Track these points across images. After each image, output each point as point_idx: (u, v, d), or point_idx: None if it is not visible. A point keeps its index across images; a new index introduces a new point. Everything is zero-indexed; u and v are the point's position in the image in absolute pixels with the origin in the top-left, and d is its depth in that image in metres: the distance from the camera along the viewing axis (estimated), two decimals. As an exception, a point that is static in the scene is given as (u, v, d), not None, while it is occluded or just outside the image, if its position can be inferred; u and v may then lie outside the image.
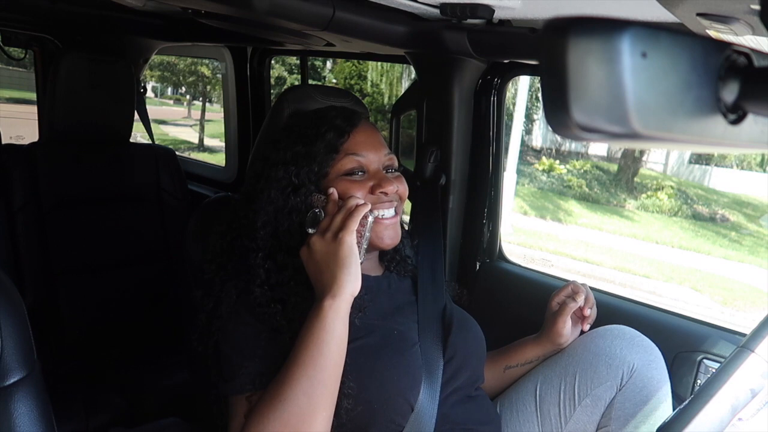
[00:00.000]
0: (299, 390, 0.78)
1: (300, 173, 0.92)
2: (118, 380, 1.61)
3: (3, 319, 0.67)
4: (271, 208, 0.91)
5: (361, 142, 0.95)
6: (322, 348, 0.79)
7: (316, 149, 0.92)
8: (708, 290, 7.02)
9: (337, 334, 0.81)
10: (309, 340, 0.80)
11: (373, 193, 0.93)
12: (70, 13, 1.78)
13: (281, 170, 0.93)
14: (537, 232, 8.72)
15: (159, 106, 16.42)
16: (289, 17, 1.10)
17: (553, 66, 0.26)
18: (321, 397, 0.79)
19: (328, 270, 0.82)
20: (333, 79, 11.54)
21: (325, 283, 0.82)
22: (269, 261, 0.90)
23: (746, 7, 0.51)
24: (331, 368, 0.80)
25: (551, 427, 1.03)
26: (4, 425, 0.67)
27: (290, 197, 0.91)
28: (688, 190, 11.24)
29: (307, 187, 0.92)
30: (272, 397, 0.79)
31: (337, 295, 0.81)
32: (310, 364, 0.79)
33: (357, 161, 0.94)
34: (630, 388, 0.96)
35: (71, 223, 1.77)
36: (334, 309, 0.80)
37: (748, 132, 0.29)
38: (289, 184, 0.92)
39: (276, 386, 0.79)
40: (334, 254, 0.82)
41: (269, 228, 0.91)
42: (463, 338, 1.01)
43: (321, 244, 0.84)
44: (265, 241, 0.90)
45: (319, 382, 0.78)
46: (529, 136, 12.46)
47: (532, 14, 1.09)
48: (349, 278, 0.82)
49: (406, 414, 0.89)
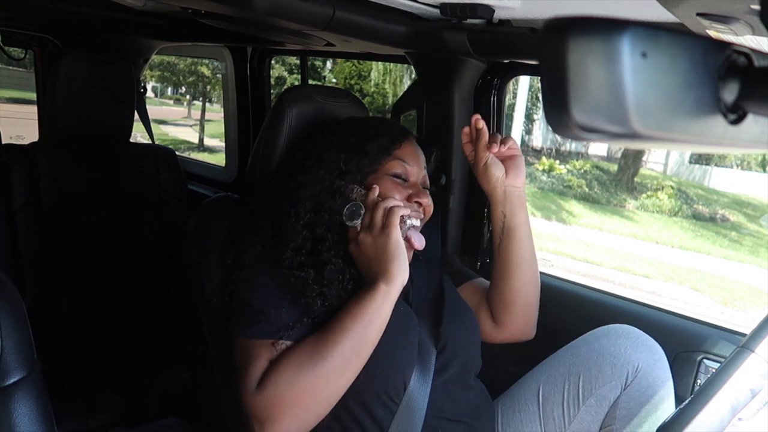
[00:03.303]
0: (339, 352, 0.84)
1: (350, 161, 0.98)
2: (118, 380, 1.60)
3: (3, 319, 0.67)
4: (319, 186, 0.97)
5: (410, 153, 1.02)
6: (368, 324, 0.86)
7: (370, 146, 0.99)
8: (708, 290, 7.02)
9: (383, 314, 0.88)
10: (358, 314, 0.86)
11: (408, 201, 0.99)
12: (70, 13, 1.78)
13: (333, 154, 0.99)
14: (537, 231, 8.68)
15: (159, 106, 16.41)
16: (289, 17, 1.10)
17: (553, 66, 0.26)
18: (353, 363, 0.86)
19: (379, 263, 0.89)
20: (333, 79, 11.54)
21: (376, 274, 0.89)
22: (306, 231, 0.95)
23: (746, 7, 0.51)
24: (369, 343, 0.87)
25: (554, 427, 1.03)
26: (4, 425, 0.67)
27: (336, 180, 0.97)
28: (688, 190, 11.24)
29: (353, 175, 0.97)
30: (313, 350, 0.85)
31: (390, 282, 0.88)
32: (354, 334, 0.85)
33: (404, 167, 1.01)
34: (635, 387, 0.96)
35: (71, 223, 1.77)
36: (384, 294, 0.87)
37: (748, 132, 0.29)
38: (336, 168, 0.97)
39: (319, 342, 0.86)
40: (383, 248, 0.89)
41: (312, 203, 0.96)
42: (455, 328, 1.02)
43: (369, 240, 0.91)
44: (306, 212, 0.95)
45: (357, 352, 0.86)
46: (529, 136, 12.46)
47: (532, 14, 1.09)
48: (399, 269, 0.88)
49: (399, 391, 0.91)
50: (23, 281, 1.66)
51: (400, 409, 0.91)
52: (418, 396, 0.92)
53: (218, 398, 1.03)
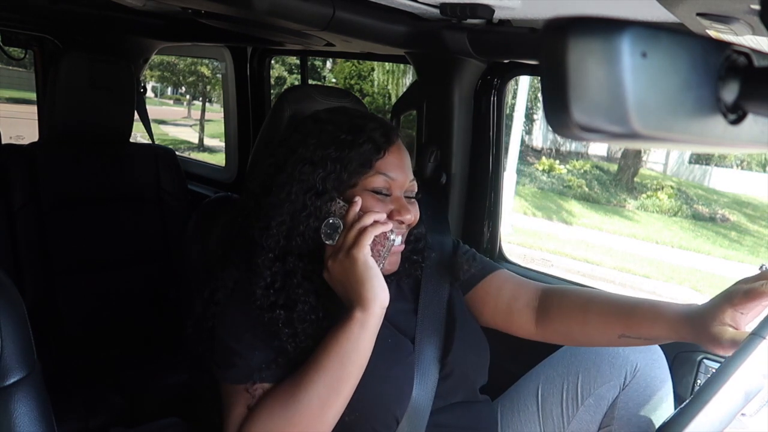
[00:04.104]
0: (314, 394, 0.78)
1: (327, 179, 0.87)
2: (118, 380, 1.60)
3: (3, 319, 0.67)
4: (290, 208, 0.87)
5: (393, 164, 0.92)
6: (344, 359, 0.80)
7: (349, 158, 0.88)
8: (708, 290, 7.01)
9: (362, 346, 0.81)
10: (333, 349, 0.80)
11: (390, 218, 0.90)
12: (70, 13, 1.78)
13: (308, 169, 0.88)
14: (537, 231, 8.71)
15: (159, 106, 16.43)
16: (289, 17, 1.10)
17: (553, 66, 0.26)
18: (334, 404, 0.80)
19: (351, 288, 0.82)
20: (333, 79, 11.54)
21: (353, 301, 0.82)
22: (277, 263, 0.87)
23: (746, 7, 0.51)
24: (351, 379, 0.81)
25: (553, 427, 1.03)
26: (4, 425, 0.67)
27: (311, 200, 0.87)
28: (688, 190, 11.24)
29: (330, 193, 0.88)
30: (286, 395, 0.80)
31: (366, 309, 0.81)
32: (330, 372, 0.79)
33: (386, 182, 0.90)
34: (633, 387, 0.96)
35: (71, 223, 1.77)
36: (361, 322, 0.81)
37: (748, 132, 0.29)
38: (312, 187, 0.87)
39: (291, 385, 0.80)
40: (350, 271, 0.82)
41: (283, 228, 0.87)
42: (463, 352, 0.98)
43: (336, 266, 0.84)
44: (277, 241, 0.87)
45: (336, 391, 0.79)
46: (529, 136, 12.46)
47: (532, 14, 1.09)
48: (373, 292, 0.81)
49: (391, 426, 0.88)
50: (23, 281, 1.66)
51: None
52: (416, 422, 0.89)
53: (218, 398, 1.03)
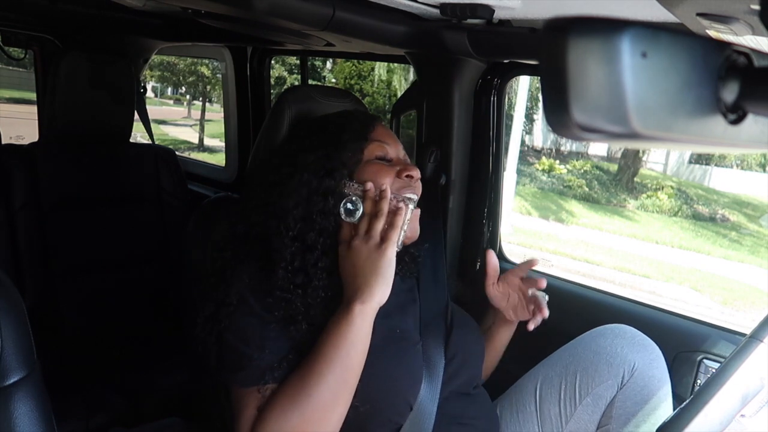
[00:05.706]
0: (324, 386, 0.80)
1: (332, 157, 0.92)
2: (118, 380, 1.60)
3: (3, 319, 0.67)
4: (305, 190, 0.90)
5: (385, 134, 1.00)
6: (349, 348, 0.82)
7: (344, 137, 0.94)
8: (708, 290, 7.02)
9: (363, 335, 0.83)
10: (337, 339, 0.82)
11: (399, 177, 0.95)
12: (70, 13, 1.78)
13: (311, 155, 0.93)
14: (537, 231, 8.72)
15: (159, 106, 16.42)
16: (289, 17, 1.10)
17: (553, 66, 0.26)
18: (342, 394, 0.82)
19: (363, 275, 0.85)
20: (333, 79, 11.53)
21: (357, 286, 0.85)
22: (297, 242, 0.89)
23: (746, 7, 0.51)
24: (356, 368, 0.83)
25: (552, 427, 1.03)
26: (4, 425, 0.67)
27: (324, 179, 0.91)
28: (688, 190, 11.24)
29: (340, 171, 0.92)
30: (296, 390, 0.81)
31: (366, 302, 0.83)
32: (337, 361, 0.81)
33: (384, 148, 0.97)
34: (631, 387, 0.97)
35: (71, 223, 1.77)
36: (362, 314, 0.83)
37: (748, 132, 0.29)
38: (321, 168, 0.92)
39: (300, 380, 0.81)
40: (373, 262, 0.85)
41: (300, 209, 0.90)
42: (464, 337, 1.01)
43: (363, 250, 0.87)
44: (296, 222, 0.90)
45: (343, 380, 0.82)
46: (530, 136, 12.46)
47: (532, 14, 1.09)
48: (381, 288, 0.84)
49: (404, 413, 0.90)
50: (23, 281, 1.66)
51: (406, 424, 0.90)
52: (426, 410, 0.91)
53: (218, 398, 1.03)
